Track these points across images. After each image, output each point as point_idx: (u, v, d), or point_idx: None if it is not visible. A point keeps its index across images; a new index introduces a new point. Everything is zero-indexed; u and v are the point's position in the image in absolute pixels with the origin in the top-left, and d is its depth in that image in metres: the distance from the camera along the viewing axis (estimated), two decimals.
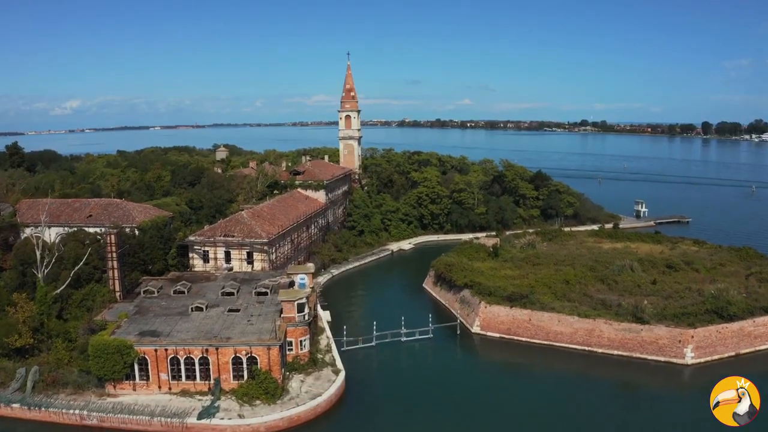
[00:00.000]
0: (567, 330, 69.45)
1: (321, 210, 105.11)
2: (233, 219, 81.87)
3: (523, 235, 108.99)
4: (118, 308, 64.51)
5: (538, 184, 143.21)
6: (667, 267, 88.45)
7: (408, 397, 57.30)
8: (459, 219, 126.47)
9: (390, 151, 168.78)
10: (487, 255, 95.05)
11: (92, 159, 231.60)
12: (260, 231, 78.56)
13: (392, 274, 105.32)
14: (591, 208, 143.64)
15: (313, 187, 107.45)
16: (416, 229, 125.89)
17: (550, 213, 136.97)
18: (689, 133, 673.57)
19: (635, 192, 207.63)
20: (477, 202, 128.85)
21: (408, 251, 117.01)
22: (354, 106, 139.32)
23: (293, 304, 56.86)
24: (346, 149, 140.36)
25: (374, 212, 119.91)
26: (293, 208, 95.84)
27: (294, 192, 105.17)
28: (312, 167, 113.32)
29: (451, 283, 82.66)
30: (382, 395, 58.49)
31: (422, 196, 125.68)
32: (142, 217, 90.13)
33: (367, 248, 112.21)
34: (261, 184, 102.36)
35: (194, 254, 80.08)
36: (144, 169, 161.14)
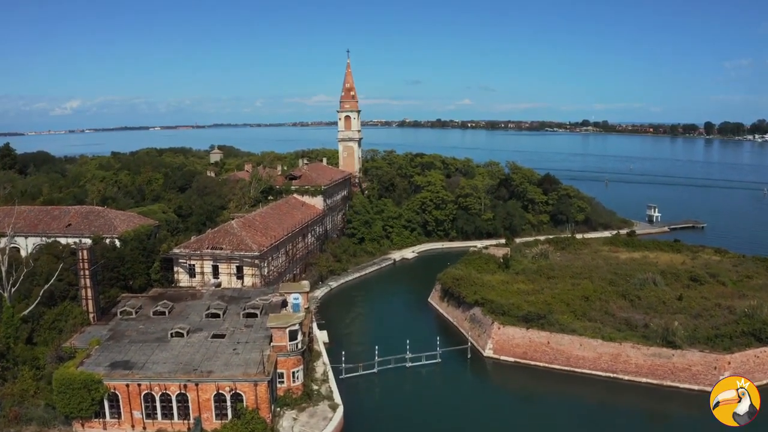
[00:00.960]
0: (590, 355, 62.76)
1: (318, 217, 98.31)
2: (222, 229, 75.16)
3: (534, 244, 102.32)
4: (91, 332, 57.80)
5: (546, 187, 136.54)
6: (691, 280, 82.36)
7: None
8: (465, 225, 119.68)
9: (391, 153, 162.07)
10: (497, 267, 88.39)
11: (86, 161, 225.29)
12: (251, 243, 71.84)
13: (395, 286, 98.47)
14: (603, 213, 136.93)
15: (310, 193, 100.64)
16: (420, 237, 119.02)
17: (560, 219, 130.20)
18: (692, 134, 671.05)
19: (643, 195, 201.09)
20: (483, 207, 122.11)
21: (411, 260, 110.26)
22: (354, 106, 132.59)
23: (284, 332, 50.16)
24: (346, 151, 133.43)
25: (375, 218, 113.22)
26: (288, 216, 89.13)
27: (289, 198, 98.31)
28: (309, 171, 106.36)
29: (460, 299, 75.95)
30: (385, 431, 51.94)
31: (426, 202, 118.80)
32: (125, 227, 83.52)
33: (367, 257, 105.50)
34: (254, 189, 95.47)
35: (179, 268, 73.43)
36: (137, 172, 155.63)
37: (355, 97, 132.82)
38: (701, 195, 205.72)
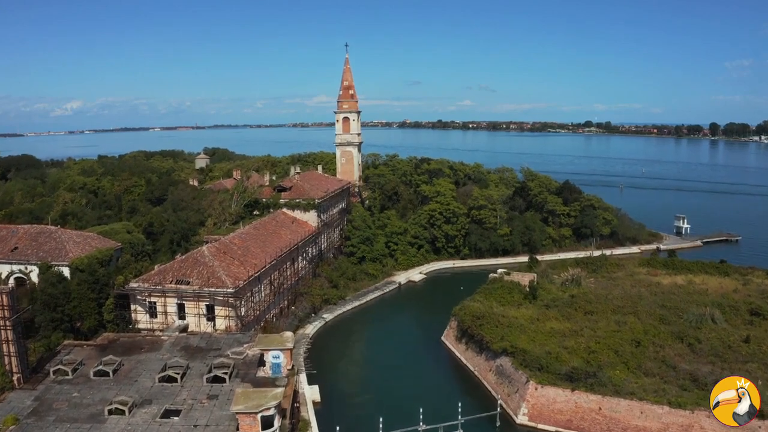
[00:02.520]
0: (654, 425, 49.03)
1: (311, 236, 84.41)
2: (191, 258, 61.29)
3: (561, 266, 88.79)
4: (11, 401, 43.99)
5: (566, 197, 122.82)
6: (752, 314, 69.59)
7: None
8: (478, 242, 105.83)
9: (394, 158, 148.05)
10: (522, 297, 74.76)
11: (72, 164, 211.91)
12: (224, 276, 58.02)
13: (401, 317, 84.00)
14: (630, 226, 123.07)
15: (301, 207, 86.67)
16: (428, 254, 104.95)
17: (584, 232, 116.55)
18: (696, 135, 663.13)
19: (662, 202, 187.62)
20: (500, 221, 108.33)
21: (419, 283, 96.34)
22: (353, 107, 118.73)
23: (255, 419, 36.45)
24: (344, 157, 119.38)
25: (377, 234, 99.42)
26: (275, 236, 75.33)
27: (278, 214, 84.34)
28: (301, 182, 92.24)
29: (483, 343, 62.12)
30: None
31: (435, 215, 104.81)
32: (78, 251, 69.77)
33: (368, 281, 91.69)
34: (236, 204, 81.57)
35: (138, 306, 59.74)
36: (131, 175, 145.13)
37: (354, 97, 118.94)
38: (725, 202, 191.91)
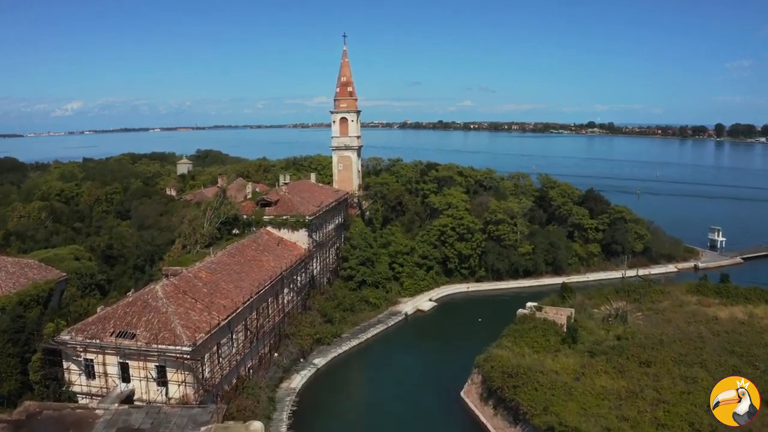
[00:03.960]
0: None
1: (301, 261, 70.29)
2: (139, 301, 47.07)
3: (599, 296, 74.76)
4: None
5: (591, 207, 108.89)
6: None
7: None
8: (496, 262, 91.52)
9: (397, 162, 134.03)
10: (559, 340, 60.76)
11: (56, 168, 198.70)
12: (180, 329, 43.86)
13: (409, 361, 68.43)
14: (665, 241, 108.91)
15: (289, 226, 72.45)
16: (438, 277, 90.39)
17: (614, 249, 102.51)
18: (701, 135, 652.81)
19: (685, 210, 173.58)
20: (520, 237, 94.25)
21: (428, 312, 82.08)
22: (352, 106, 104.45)
23: None
24: (341, 163, 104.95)
25: (380, 254, 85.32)
26: (254, 264, 61.12)
27: (260, 234, 70.16)
28: (290, 194, 77.91)
29: (518, 412, 48.09)
30: None
31: (447, 231, 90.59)
32: (9, 286, 55.79)
33: (369, 311, 77.58)
34: (210, 222, 67.49)
35: (71, 364, 45.73)
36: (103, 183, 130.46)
37: (353, 95, 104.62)
38: (755, 210, 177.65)
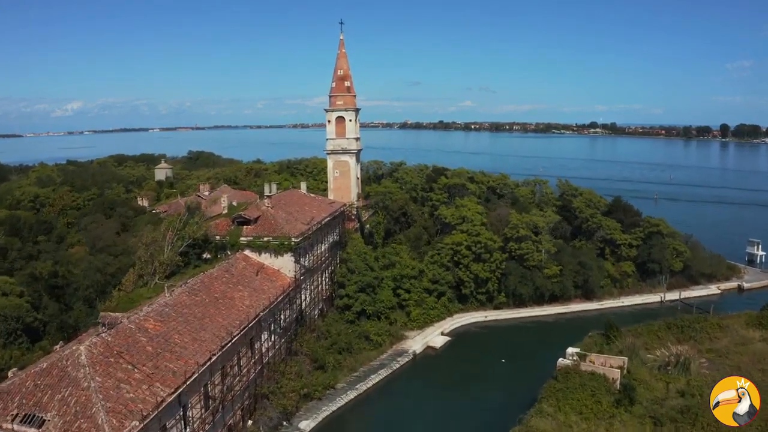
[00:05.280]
0: None
1: (285, 295, 56.77)
2: (55, 369, 33.53)
3: (648, 334, 61.45)
4: None
5: (620, 218, 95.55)
6: None
7: None
8: (519, 286, 77.95)
9: (401, 166, 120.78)
10: (612, 401, 47.47)
11: (34, 171, 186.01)
12: (103, 417, 30.29)
13: (420, 421, 53.92)
14: (705, 257, 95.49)
15: (272, 249, 58.79)
16: (451, 304, 76.54)
17: (651, 268, 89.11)
18: (705, 136, 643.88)
19: (709, 217, 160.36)
20: (545, 256, 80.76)
21: (441, 350, 68.34)
22: (350, 103, 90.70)
23: None
24: (338, 169, 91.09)
25: (382, 277, 71.90)
26: (223, 304, 47.56)
27: (235, 260, 56.53)
28: (274, 208, 64.13)
29: None
30: None
31: (461, 250, 77.15)
32: None
33: (370, 350, 63.98)
34: (171, 247, 53.84)
35: None
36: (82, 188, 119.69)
37: (351, 90, 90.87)
38: None
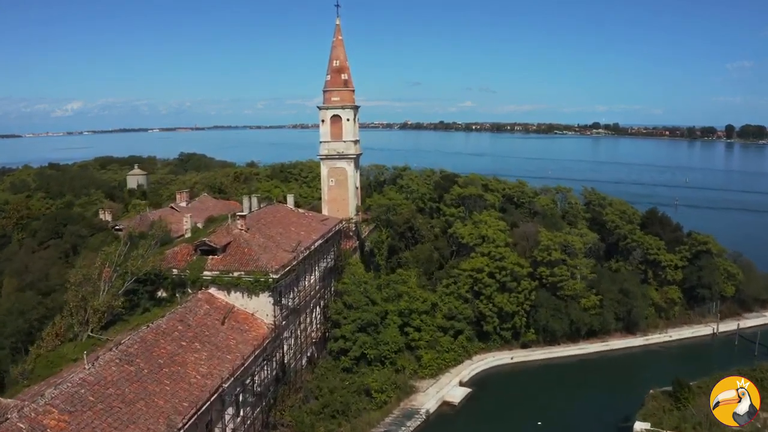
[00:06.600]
0: None
1: (261, 350, 43.44)
2: None
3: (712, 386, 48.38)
4: None
5: (656, 231, 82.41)
6: None
7: None
8: (551, 320, 64.70)
9: (405, 171, 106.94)
10: None
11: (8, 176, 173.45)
12: None
13: None
14: (759, 280, 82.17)
15: (244, 287, 45.65)
16: (470, 344, 63.13)
17: (700, 295, 75.96)
18: (710, 137, 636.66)
19: (736, 225, 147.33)
20: (581, 283, 67.42)
21: (460, 405, 54.66)
22: (347, 99, 76.90)
23: None
24: (333, 177, 77.38)
25: (386, 311, 58.60)
26: (168, 377, 34.06)
27: (195, 303, 42.99)
28: (249, 232, 50.38)
29: None
30: None
31: (482, 278, 63.85)
32: None
33: (372, 410, 50.50)
34: (109, 287, 40.03)
35: None
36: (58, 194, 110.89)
37: (348, 84, 77.23)
38: None
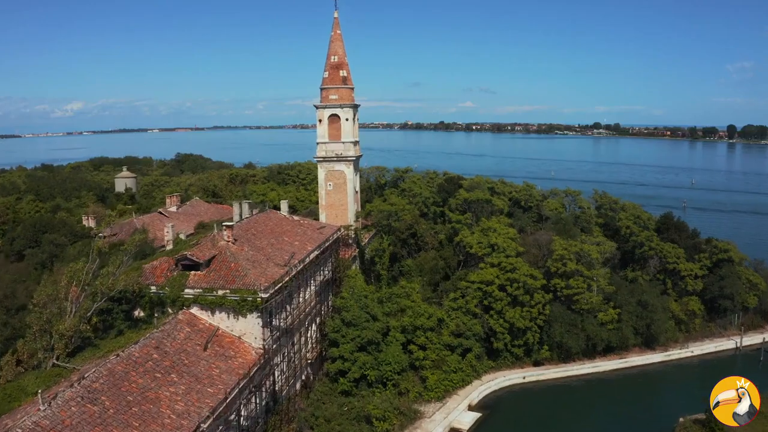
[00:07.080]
0: None
1: (247, 380, 38.59)
2: None
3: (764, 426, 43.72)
4: None
5: (673, 238, 77.80)
6: None
7: None
8: (566, 336, 59.95)
9: (407, 173, 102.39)
10: None
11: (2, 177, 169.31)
12: None
13: None
14: None
15: (229, 307, 40.86)
16: (479, 362, 58.18)
17: (722, 306, 71.25)
18: (712, 137, 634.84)
19: (750, 229, 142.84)
20: (598, 295, 62.69)
21: (471, 430, 50.51)
22: (346, 97, 71.91)
23: None
24: (331, 180, 72.55)
25: (388, 327, 53.85)
26: (139, 415, 29.37)
27: (175, 326, 38.12)
28: (236, 244, 45.07)
29: None
30: None
31: (492, 291, 59.13)
32: None
33: None
34: (77, 309, 35.08)
35: None
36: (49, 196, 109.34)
37: (347, 81, 72.36)
38: None
